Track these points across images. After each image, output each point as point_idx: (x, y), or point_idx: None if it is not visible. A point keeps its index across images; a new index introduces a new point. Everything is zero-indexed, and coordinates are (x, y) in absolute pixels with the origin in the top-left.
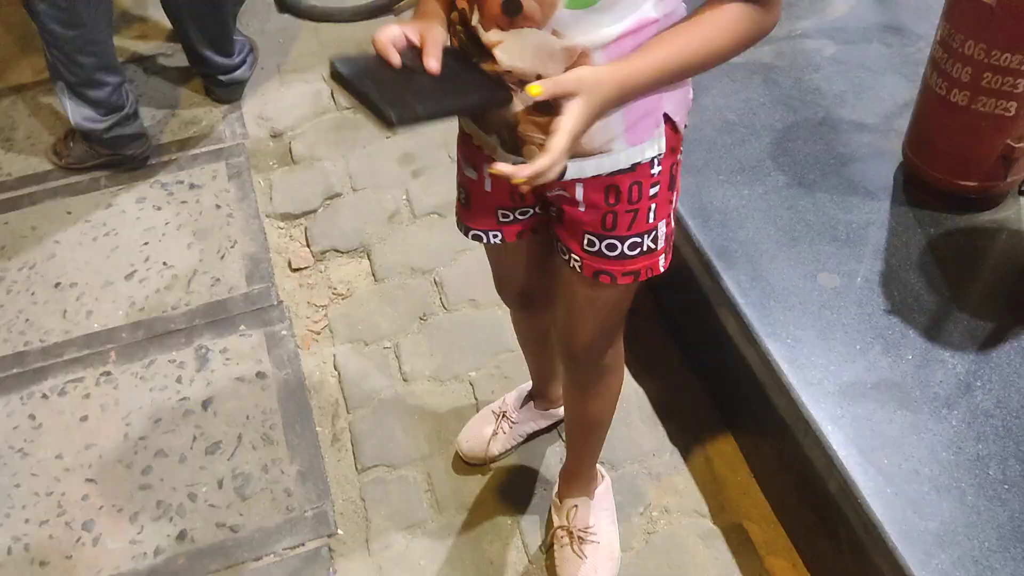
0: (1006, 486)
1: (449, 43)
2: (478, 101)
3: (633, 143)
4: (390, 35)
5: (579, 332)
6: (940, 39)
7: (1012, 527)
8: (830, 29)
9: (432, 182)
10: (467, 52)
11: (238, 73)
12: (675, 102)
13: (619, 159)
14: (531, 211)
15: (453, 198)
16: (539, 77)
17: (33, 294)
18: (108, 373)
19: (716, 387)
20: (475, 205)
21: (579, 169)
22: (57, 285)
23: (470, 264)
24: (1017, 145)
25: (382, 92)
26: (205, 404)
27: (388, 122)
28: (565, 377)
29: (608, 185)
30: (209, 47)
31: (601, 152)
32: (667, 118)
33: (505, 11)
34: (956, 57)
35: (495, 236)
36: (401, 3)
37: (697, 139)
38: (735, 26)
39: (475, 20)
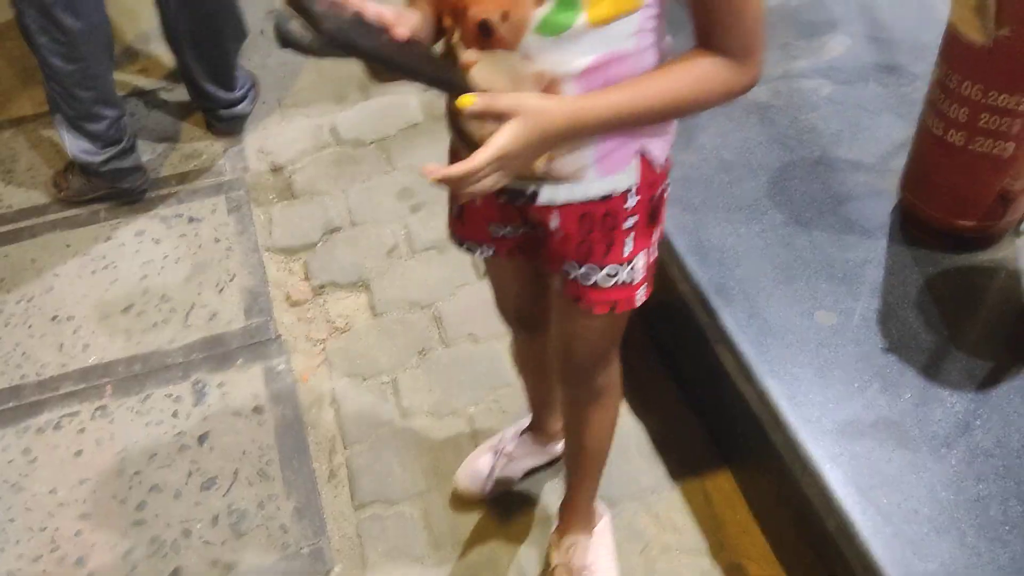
0: (1007, 527)
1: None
2: (425, 72)
3: (604, 174)
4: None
5: (571, 353)
6: (937, 80)
7: (1014, 569)
8: (827, 69)
9: (431, 216)
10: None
11: (239, 107)
12: (651, 138)
13: (591, 188)
14: (521, 229)
15: None
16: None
17: (30, 327)
18: (104, 407)
19: (714, 423)
20: (468, 218)
21: (552, 195)
22: (54, 318)
23: (469, 299)
24: (1014, 186)
25: (335, 23)
26: (201, 439)
27: (317, 28)
28: (562, 401)
29: (582, 213)
30: (211, 81)
31: (573, 179)
32: (642, 152)
33: (480, 31)
34: (953, 98)
35: (488, 249)
36: None
37: (695, 177)
38: (704, 80)
39: (456, 38)
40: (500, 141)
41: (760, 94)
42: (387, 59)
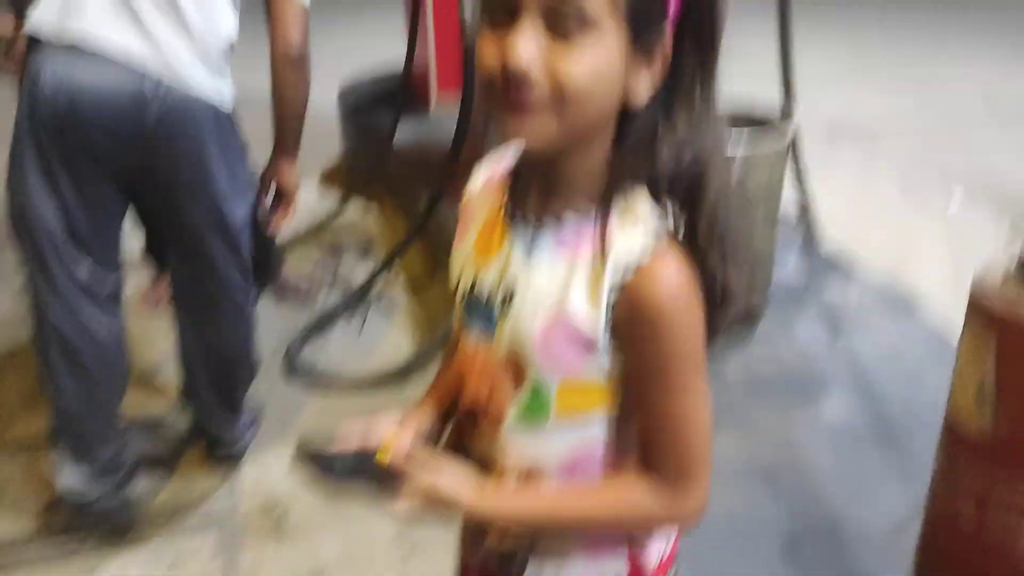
0: None
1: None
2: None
3: (591, 557)
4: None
5: None
6: (940, 464)
7: None
8: (826, 436)
9: (427, 561)
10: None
11: (240, 443)
12: (643, 534)
13: (576, 570)
14: None
15: None
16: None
17: None
18: None
19: None
20: None
21: (538, 570)
22: None
23: None
24: None
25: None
26: None
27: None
28: None
29: None
30: (216, 415)
31: (559, 555)
32: (631, 545)
33: (467, 417)
34: (959, 485)
35: None
36: (411, 374)
37: (701, 547)
38: (626, 503)
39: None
40: (437, 482)
41: (763, 455)
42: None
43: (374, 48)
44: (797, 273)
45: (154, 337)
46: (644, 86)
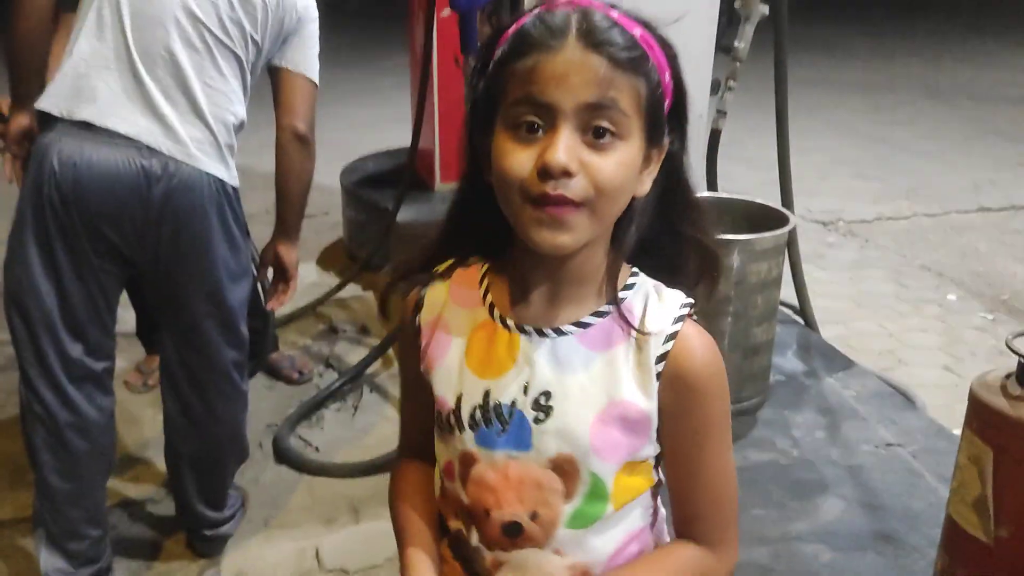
0: None
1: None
2: None
3: None
4: None
5: None
6: (941, 569)
7: None
8: (824, 534)
9: None
10: None
11: (224, 528)
12: None
13: None
14: None
15: None
16: None
17: None
18: None
19: None
20: None
21: None
22: None
23: None
24: None
25: None
26: None
27: None
28: None
29: None
30: (202, 501)
31: None
32: None
33: (506, 533)
34: None
35: None
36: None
37: None
38: (685, 570)
39: (475, 541)
40: None
41: (760, 556)
42: None
43: (375, 135)
44: (795, 364)
45: (140, 416)
46: (648, 179)
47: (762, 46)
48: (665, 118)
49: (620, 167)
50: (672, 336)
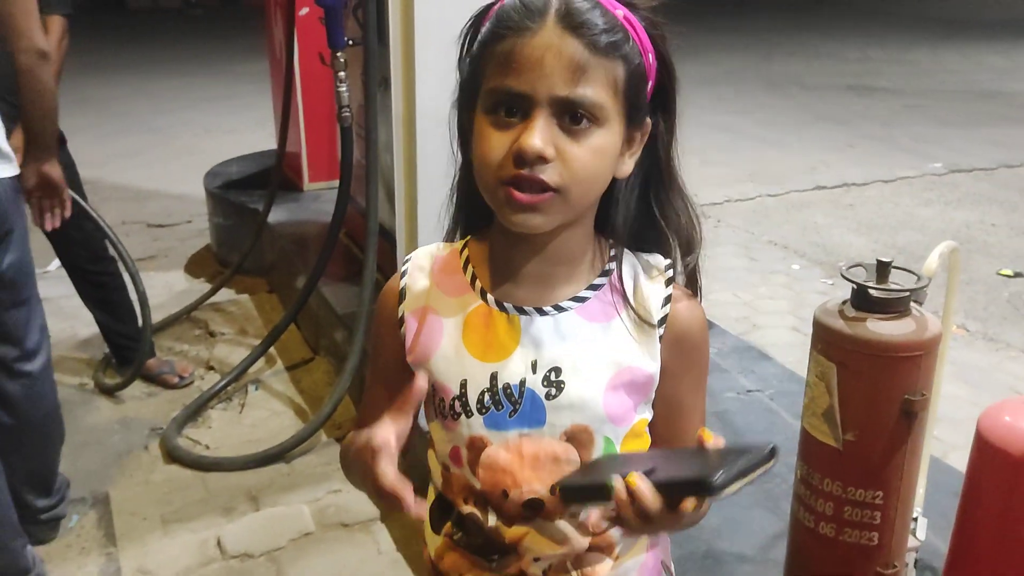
0: None
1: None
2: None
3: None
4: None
5: None
6: (801, 477)
7: None
8: None
9: None
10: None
11: (58, 510)
12: (667, 550)
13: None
14: None
15: None
16: (564, 550)
17: None
18: None
19: None
20: None
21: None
22: None
23: None
24: (886, 572)
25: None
26: None
27: (708, 488)
28: None
29: None
30: (30, 488)
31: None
32: (664, 565)
33: (527, 511)
34: (817, 494)
35: None
36: (293, 451)
37: None
38: None
39: (492, 522)
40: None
41: None
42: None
43: (233, 140)
44: None
45: None
46: (630, 161)
47: None
48: (648, 99)
49: (596, 154)
50: (667, 299)
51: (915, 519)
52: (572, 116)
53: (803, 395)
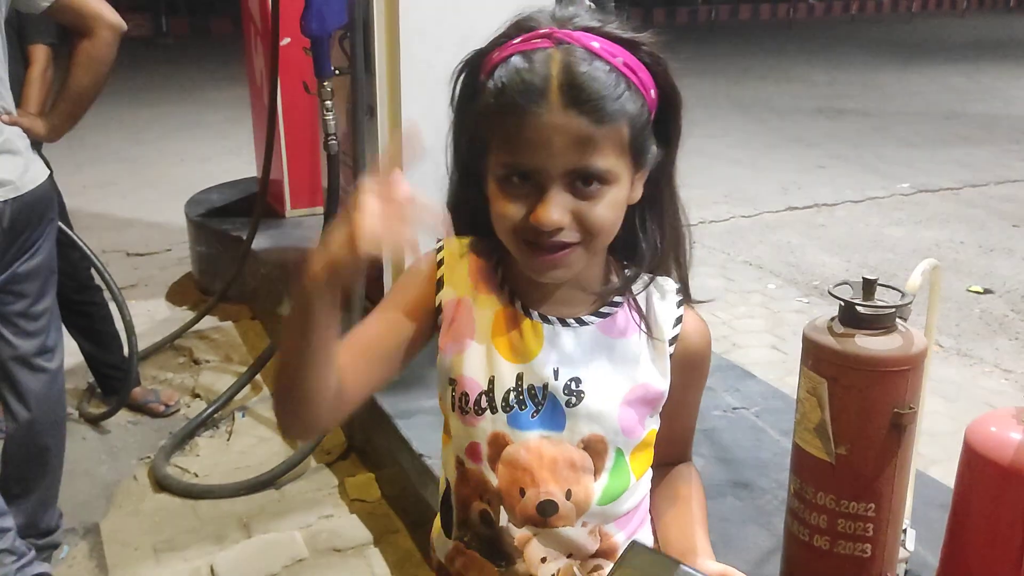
0: None
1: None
2: None
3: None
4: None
5: None
6: (794, 491)
7: None
8: None
9: None
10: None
11: (53, 536)
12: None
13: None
14: None
15: None
16: (569, 555)
17: None
18: None
19: None
20: None
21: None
22: None
23: None
24: None
25: None
26: None
27: None
28: None
29: None
30: (30, 517)
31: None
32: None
33: (541, 512)
34: (811, 507)
35: None
36: (283, 478)
37: None
38: (696, 481)
39: (504, 522)
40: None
41: None
42: None
43: (210, 168)
44: None
45: None
46: (639, 186)
47: None
48: (650, 132)
49: (610, 207)
50: (679, 320)
51: (904, 531)
52: (584, 180)
53: (788, 412)
